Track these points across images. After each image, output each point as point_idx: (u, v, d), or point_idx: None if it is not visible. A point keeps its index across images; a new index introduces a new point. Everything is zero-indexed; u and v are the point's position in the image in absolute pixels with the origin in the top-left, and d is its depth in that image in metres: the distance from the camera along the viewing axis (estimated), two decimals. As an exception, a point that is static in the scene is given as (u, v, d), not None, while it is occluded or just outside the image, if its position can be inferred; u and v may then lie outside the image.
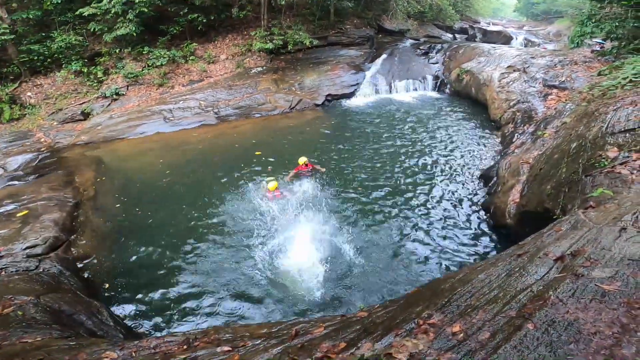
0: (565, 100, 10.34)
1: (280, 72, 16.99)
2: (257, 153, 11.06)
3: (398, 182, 9.17)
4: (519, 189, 7.10)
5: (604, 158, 5.27)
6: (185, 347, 2.95)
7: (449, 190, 8.69)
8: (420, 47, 19.36)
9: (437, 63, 18.19)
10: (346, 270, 6.25)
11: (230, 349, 2.73)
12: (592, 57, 12.65)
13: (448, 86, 17.06)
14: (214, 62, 16.76)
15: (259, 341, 2.82)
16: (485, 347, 1.91)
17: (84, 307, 5.17)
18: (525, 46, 23.81)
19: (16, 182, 9.88)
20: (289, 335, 2.73)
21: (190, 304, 5.82)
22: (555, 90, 11.47)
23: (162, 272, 6.53)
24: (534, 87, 12.17)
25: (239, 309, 5.67)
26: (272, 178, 8.81)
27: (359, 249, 6.75)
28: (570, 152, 6.27)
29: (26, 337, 3.62)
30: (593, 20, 11.44)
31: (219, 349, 2.73)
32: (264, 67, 16.98)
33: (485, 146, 11.02)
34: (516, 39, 26.62)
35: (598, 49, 13.14)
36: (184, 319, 5.56)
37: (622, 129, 5.74)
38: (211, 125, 13.94)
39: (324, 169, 9.42)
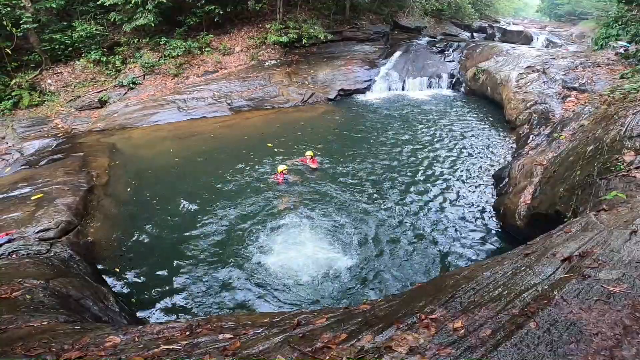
0: (585, 102, 10.11)
1: (294, 65, 17.02)
2: (269, 145, 11.13)
3: (407, 179, 9.13)
4: (530, 190, 7.00)
5: (620, 162, 5.16)
6: (187, 333, 2.97)
7: (459, 189, 8.62)
8: (437, 45, 19.14)
9: (453, 61, 17.98)
10: (351, 263, 6.26)
11: (232, 336, 2.74)
12: (616, 60, 12.33)
13: (463, 85, 16.86)
14: (228, 54, 16.87)
15: (261, 330, 2.83)
16: (486, 344, 1.89)
17: (91, 293, 5.23)
18: (546, 47, 23.33)
19: (32, 166, 10.10)
20: (291, 325, 2.74)
21: (196, 291, 5.88)
22: (574, 92, 11.23)
23: (170, 259, 6.61)
24: (553, 88, 11.93)
25: (244, 297, 5.72)
26: (283, 163, 9.19)
27: (365, 242, 6.77)
28: (586, 155, 6.15)
29: (32, 321, 3.66)
30: (619, 23, 11.15)
31: (220, 336, 2.74)
32: (278, 60, 17.01)
33: (498, 146, 10.89)
34: (537, 39, 26.13)
35: (622, 51, 12.80)
36: (188, 306, 5.62)
37: (641, 133, 5.60)
38: (224, 116, 14.10)
39: (317, 172, 9.31)
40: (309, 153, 9.43)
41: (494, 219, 7.55)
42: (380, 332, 2.23)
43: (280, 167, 8.85)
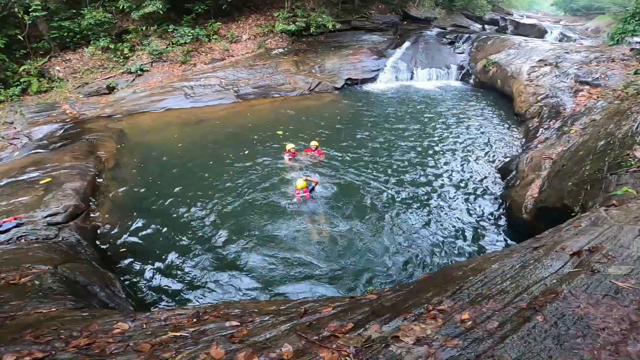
0: (597, 97, 9.95)
1: (301, 54, 16.91)
2: (278, 132, 11.15)
3: (414, 169, 9.09)
4: (538, 184, 6.94)
5: (631, 157, 5.09)
6: (195, 320, 2.99)
7: (466, 181, 8.56)
8: (447, 36, 18.89)
9: (463, 53, 17.77)
10: (358, 252, 6.27)
11: (238, 323, 2.76)
12: (631, 56, 12.10)
13: (473, 77, 16.68)
14: (236, 42, 16.78)
15: (268, 317, 2.85)
16: (493, 336, 1.90)
17: (98, 278, 5.23)
18: (560, 41, 22.88)
19: (41, 151, 10.18)
20: (298, 313, 2.76)
21: (202, 276, 5.91)
22: (587, 87, 11.04)
23: (176, 244, 6.66)
24: (565, 82, 11.75)
25: (250, 283, 5.74)
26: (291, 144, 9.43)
27: (372, 232, 6.77)
28: (597, 150, 6.07)
29: (41, 308, 3.66)
30: (637, 18, 10.94)
31: (227, 324, 2.76)
32: (285, 49, 16.90)
33: (506, 139, 10.79)
34: (551, 33, 25.57)
35: (638, 47, 12.54)
36: (195, 292, 5.65)
37: (654, 129, 5.52)
38: (231, 103, 14.18)
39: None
40: (314, 143, 9.43)
41: (500, 211, 7.50)
42: (387, 322, 2.24)
43: (289, 146, 9.22)
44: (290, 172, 8.77)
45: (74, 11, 14.68)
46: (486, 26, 27.03)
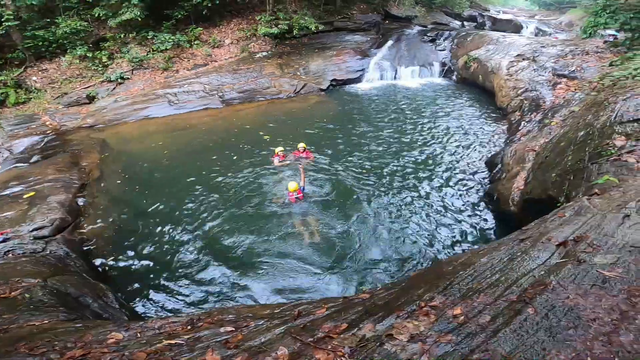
0: (575, 89, 10.18)
1: (285, 56, 16.88)
2: (265, 137, 11.09)
3: (401, 166, 9.16)
4: (523, 176, 7.07)
5: (611, 146, 5.23)
6: (189, 327, 2.97)
7: (453, 176, 8.67)
8: (428, 34, 19.10)
9: (444, 50, 17.98)
10: (351, 252, 6.28)
11: (233, 329, 2.75)
12: (605, 48, 12.39)
13: (455, 73, 16.90)
14: (218, 47, 16.67)
15: (262, 321, 2.84)
16: (485, 330, 1.93)
17: (89, 290, 5.18)
18: (536, 35, 23.34)
19: (22, 164, 9.94)
20: (292, 316, 2.77)
21: (194, 284, 5.88)
22: (564, 80, 11.28)
23: (165, 253, 6.59)
24: (543, 75, 11.99)
25: (243, 288, 5.71)
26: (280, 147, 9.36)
27: (363, 231, 6.78)
28: (577, 141, 6.21)
29: (33, 320, 3.63)
30: (608, 11, 11.19)
31: (222, 329, 2.75)
32: (269, 52, 16.87)
33: (490, 133, 10.96)
34: (527, 27, 26.07)
35: (611, 39, 12.86)
36: (188, 300, 5.61)
37: (631, 119, 5.67)
38: (216, 109, 14.03)
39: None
40: (301, 145, 9.40)
41: (487, 205, 7.61)
42: (380, 320, 2.25)
43: (278, 149, 9.18)
44: (280, 174, 8.75)
45: (48, 20, 14.33)
46: (465, 23, 27.42)
